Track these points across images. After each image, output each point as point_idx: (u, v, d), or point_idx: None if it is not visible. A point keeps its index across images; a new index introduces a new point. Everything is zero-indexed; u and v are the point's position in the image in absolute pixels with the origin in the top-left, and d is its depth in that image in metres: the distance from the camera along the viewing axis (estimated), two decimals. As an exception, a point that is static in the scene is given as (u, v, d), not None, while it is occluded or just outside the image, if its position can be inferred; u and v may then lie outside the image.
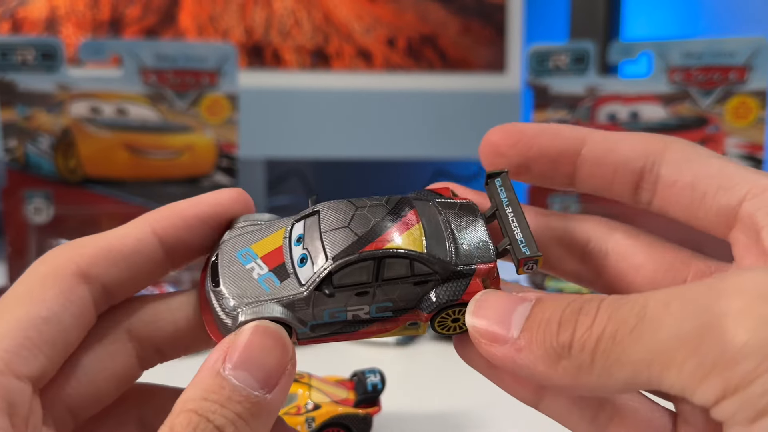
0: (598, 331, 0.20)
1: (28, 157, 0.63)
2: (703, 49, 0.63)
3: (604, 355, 0.20)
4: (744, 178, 0.24)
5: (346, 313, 0.24)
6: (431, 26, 0.83)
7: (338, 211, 0.25)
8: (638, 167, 0.25)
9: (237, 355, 0.22)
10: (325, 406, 0.36)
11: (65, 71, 0.63)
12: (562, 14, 0.91)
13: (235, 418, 0.21)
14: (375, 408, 0.37)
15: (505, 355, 0.22)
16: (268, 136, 0.78)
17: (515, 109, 0.81)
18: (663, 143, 0.25)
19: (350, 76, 0.79)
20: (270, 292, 0.23)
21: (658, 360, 0.19)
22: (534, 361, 0.21)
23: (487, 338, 0.22)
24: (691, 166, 0.25)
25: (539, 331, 0.22)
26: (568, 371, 0.21)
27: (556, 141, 0.26)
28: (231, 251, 0.25)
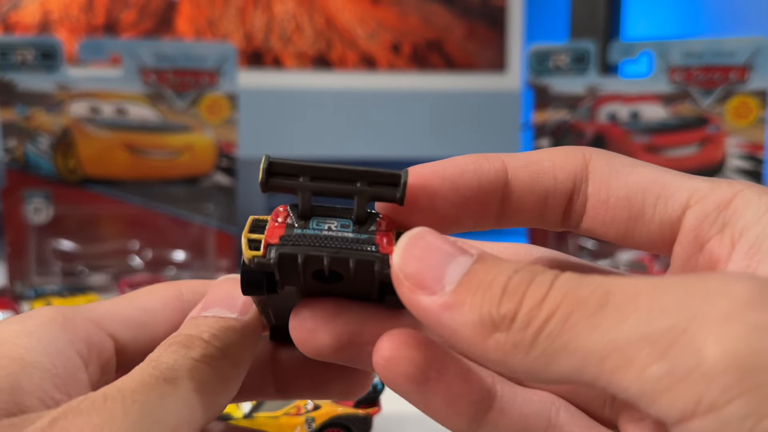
0: (550, 309, 0.17)
1: (28, 157, 0.63)
2: (703, 49, 0.63)
3: (549, 338, 0.17)
4: (680, 186, 0.21)
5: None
6: (436, 30, 0.82)
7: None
8: (568, 188, 0.22)
9: (208, 302, 0.24)
10: (325, 407, 0.36)
11: (65, 71, 0.63)
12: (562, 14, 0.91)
13: (210, 336, 0.22)
14: (375, 408, 0.37)
15: (430, 308, 0.19)
16: (268, 136, 0.78)
17: (515, 109, 0.81)
18: (583, 157, 0.22)
19: (350, 76, 0.79)
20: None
21: (615, 356, 0.16)
22: (462, 325, 0.18)
23: (412, 283, 0.19)
24: (620, 180, 0.22)
25: (477, 294, 0.18)
26: (501, 346, 0.18)
27: (475, 176, 0.23)
28: None
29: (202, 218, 0.67)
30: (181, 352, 0.21)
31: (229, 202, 0.67)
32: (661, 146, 0.66)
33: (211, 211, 0.67)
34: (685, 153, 0.65)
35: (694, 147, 0.65)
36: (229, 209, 0.67)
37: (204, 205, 0.67)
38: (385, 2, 0.81)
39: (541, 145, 0.69)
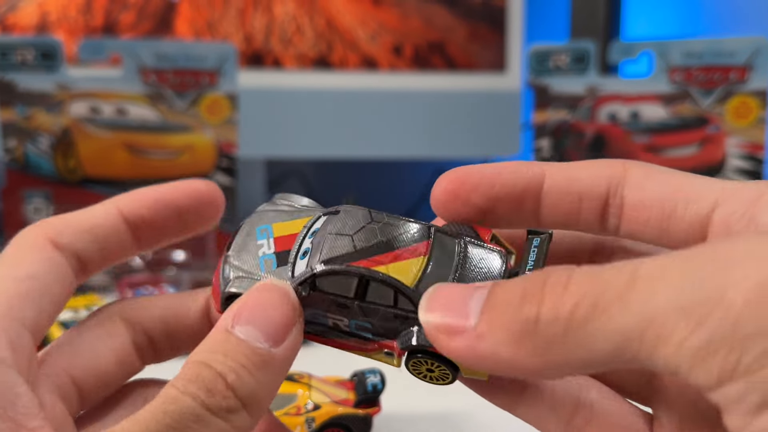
0: (575, 297, 0.18)
1: (28, 157, 0.63)
2: (703, 49, 0.63)
3: (582, 324, 0.17)
4: (710, 188, 0.23)
5: (327, 319, 0.24)
6: (438, 32, 0.81)
7: (353, 218, 0.24)
8: (603, 192, 0.24)
9: (244, 311, 0.22)
10: (325, 407, 0.36)
11: (65, 71, 0.63)
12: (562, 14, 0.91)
13: (239, 367, 0.21)
14: (375, 408, 0.37)
15: (466, 346, 0.19)
16: (268, 136, 0.78)
17: (515, 109, 0.81)
18: (622, 166, 0.24)
19: (350, 76, 0.79)
20: (264, 273, 0.24)
21: (653, 330, 0.17)
22: (496, 347, 0.19)
23: (444, 332, 0.20)
24: (654, 183, 0.23)
25: (499, 312, 0.19)
26: (537, 350, 0.18)
27: (517, 178, 0.25)
28: (255, 223, 0.26)
29: (202, 218, 0.67)
30: (199, 398, 0.21)
31: (229, 202, 0.67)
32: (661, 146, 0.66)
33: (211, 211, 0.67)
34: (685, 153, 0.65)
35: (694, 147, 0.65)
36: (229, 209, 0.67)
37: (204, 205, 0.67)
38: (387, 3, 0.80)
39: (541, 145, 0.69)
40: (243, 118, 0.69)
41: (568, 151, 0.68)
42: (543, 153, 0.69)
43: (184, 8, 0.78)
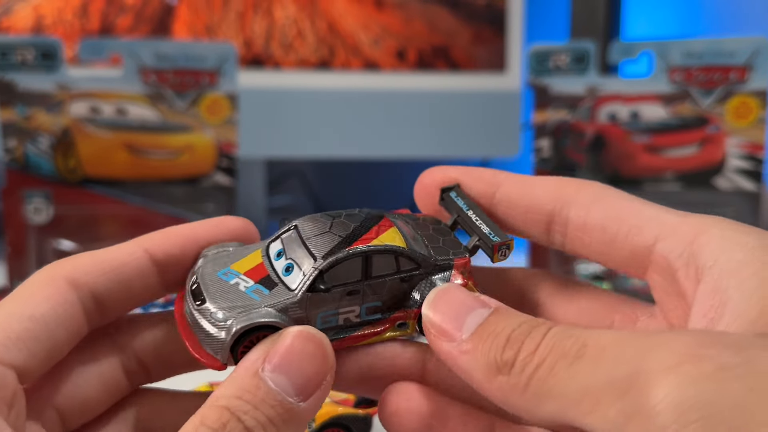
0: (540, 358, 0.20)
1: (28, 157, 0.63)
2: (703, 49, 0.63)
3: (538, 383, 0.20)
4: (654, 219, 0.24)
5: (338, 317, 0.24)
6: (442, 36, 0.80)
7: (316, 221, 0.25)
8: (548, 210, 0.26)
9: (277, 358, 0.22)
10: (325, 407, 0.36)
11: (65, 71, 0.63)
12: (562, 14, 0.91)
13: (266, 422, 0.21)
14: (375, 408, 0.37)
15: (449, 352, 0.22)
16: (268, 136, 0.78)
17: (515, 109, 0.81)
18: (576, 186, 0.26)
19: (350, 77, 0.79)
20: (261, 301, 0.23)
21: (587, 400, 0.19)
22: (474, 368, 0.22)
23: (437, 332, 0.23)
24: (600, 207, 0.25)
25: (487, 342, 0.22)
26: (503, 388, 0.21)
27: (475, 183, 0.28)
28: (210, 273, 0.25)
29: (202, 218, 0.66)
30: None
31: (229, 202, 0.67)
32: (661, 146, 0.66)
33: (211, 211, 0.67)
34: (685, 153, 0.65)
35: (694, 147, 0.65)
36: (229, 209, 0.67)
37: (204, 205, 0.67)
38: (389, 7, 0.80)
39: (541, 145, 0.69)
40: (243, 118, 0.69)
41: (568, 151, 0.68)
42: (543, 153, 0.69)
43: (182, 11, 0.77)
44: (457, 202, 0.28)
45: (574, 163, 0.68)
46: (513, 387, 0.21)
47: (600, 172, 0.67)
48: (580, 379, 0.20)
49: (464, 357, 0.22)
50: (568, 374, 0.20)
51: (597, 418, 0.19)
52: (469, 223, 0.27)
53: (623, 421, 0.18)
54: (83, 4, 0.75)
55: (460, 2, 0.81)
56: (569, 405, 0.20)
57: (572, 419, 0.20)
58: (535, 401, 0.20)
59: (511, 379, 0.21)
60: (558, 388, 0.20)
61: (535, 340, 0.21)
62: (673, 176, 0.66)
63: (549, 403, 0.20)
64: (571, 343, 0.20)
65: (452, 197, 0.28)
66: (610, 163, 0.67)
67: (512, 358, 0.21)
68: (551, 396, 0.20)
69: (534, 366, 0.20)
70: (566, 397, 0.20)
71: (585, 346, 0.20)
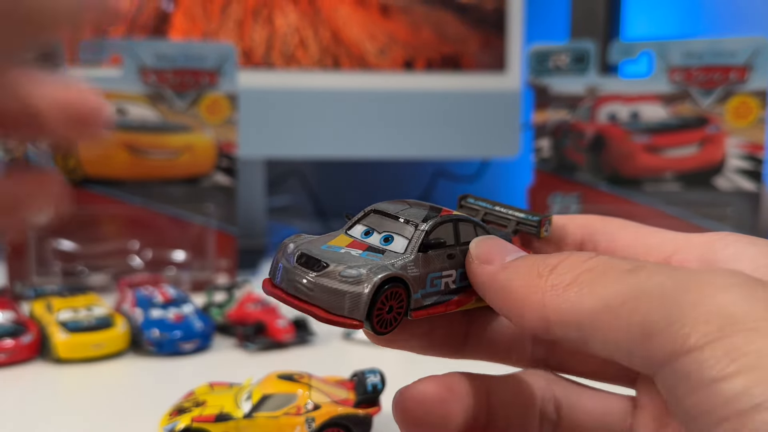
0: (590, 265, 0.21)
1: (28, 157, 0.63)
2: (703, 49, 0.63)
3: (584, 283, 0.21)
4: (669, 239, 0.26)
5: (441, 280, 0.25)
6: (452, 44, 0.78)
7: (394, 203, 0.27)
8: (578, 240, 0.28)
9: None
10: (325, 407, 0.36)
11: (65, 71, 0.63)
12: (562, 14, 0.91)
13: None
14: (375, 408, 0.37)
15: (489, 272, 0.24)
16: (268, 136, 0.78)
17: (515, 109, 0.81)
18: (601, 219, 0.28)
19: (350, 77, 0.79)
20: (381, 261, 0.24)
21: (631, 303, 0.20)
22: (512, 277, 0.23)
23: (480, 260, 0.24)
24: (625, 233, 0.27)
25: (528, 260, 0.23)
26: (540, 288, 0.22)
27: None
28: (315, 247, 0.25)
29: (202, 218, 0.67)
30: None
31: (229, 202, 0.67)
32: (661, 146, 0.66)
33: (211, 211, 0.67)
34: (685, 153, 0.65)
35: (694, 147, 0.65)
36: (229, 209, 0.67)
37: (204, 205, 0.67)
38: (395, 12, 0.78)
39: (541, 145, 0.69)
40: (243, 118, 0.69)
41: (568, 151, 0.68)
42: (543, 153, 0.69)
43: (178, 19, 0.75)
44: (479, 204, 0.29)
45: (574, 163, 0.68)
46: (552, 287, 0.22)
47: (600, 172, 0.67)
48: (631, 285, 0.20)
49: (504, 272, 0.23)
50: (618, 279, 0.20)
51: (635, 321, 0.19)
52: (500, 216, 0.29)
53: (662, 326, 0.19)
54: None
55: (469, 7, 0.80)
56: (610, 306, 0.20)
57: (607, 323, 0.20)
58: (574, 299, 0.21)
59: (551, 279, 0.22)
60: (602, 289, 0.20)
61: (586, 255, 0.22)
62: (673, 176, 0.66)
63: (588, 302, 0.21)
64: (626, 262, 0.21)
65: (471, 202, 0.30)
66: (610, 163, 0.67)
67: (555, 263, 0.22)
68: (593, 296, 0.21)
69: (584, 268, 0.21)
70: (609, 298, 0.20)
71: (643, 266, 0.21)
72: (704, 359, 0.18)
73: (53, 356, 0.48)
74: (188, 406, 0.36)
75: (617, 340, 0.20)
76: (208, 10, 0.75)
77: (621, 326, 0.20)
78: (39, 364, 0.48)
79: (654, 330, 0.19)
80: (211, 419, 0.34)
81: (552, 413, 0.27)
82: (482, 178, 0.97)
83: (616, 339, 0.20)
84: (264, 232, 0.85)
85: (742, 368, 0.17)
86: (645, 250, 0.26)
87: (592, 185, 0.68)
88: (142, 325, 0.49)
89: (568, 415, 0.27)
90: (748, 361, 0.17)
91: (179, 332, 0.49)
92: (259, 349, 0.50)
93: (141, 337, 0.49)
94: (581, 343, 0.21)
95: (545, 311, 0.22)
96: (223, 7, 0.76)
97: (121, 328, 0.49)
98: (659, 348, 0.19)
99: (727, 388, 0.17)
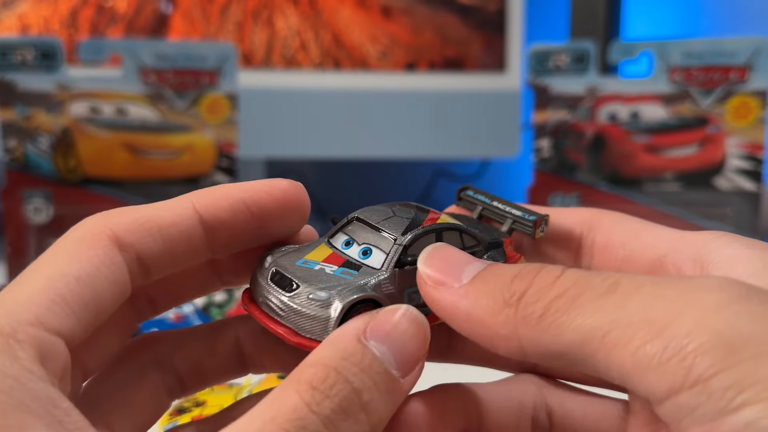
0: (560, 289, 0.19)
1: (28, 157, 0.63)
2: (703, 49, 0.63)
3: (558, 312, 0.19)
4: (665, 237, 0.25)
5: (419, 295, 0.24)
6: (454, 46, 0.77)
7: (376, 211, 0.26)
8: (577, 235, 0.28)
9: (382, 329, 0.21)
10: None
11: (65, 71, 0.63)
12: (562, 14, 0.91)
13: (373, 387, 0.20)
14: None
15: (447, 299, 0.21)
16: (268, 136, 0.78)
17: (515, 109, 0.81)
18: (599, 214, 0.28)
19: (350, 76, 0.79)
20: (354, 280, 0.23)
21: (616, 333, 0.18)
22: (476, 307, 0.21)
23: (433, 282, 0.22)
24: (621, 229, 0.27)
25: (490, 281, 0.21)
26: (510, 321, 0.20)
27: None
28: (289, 263, 0.25)
29: (202, 218, 0.67)
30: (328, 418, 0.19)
31: (229, 202, 0.67)
32: (661, 146, 0.66)
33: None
34: (685, 153, 0.65)
35: (694, 147, 0.65)
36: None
37: (204, 205, 0.67)
38: (397, 14, 0.77)
39: (541, 146, 0.69)
40: (243, 118, 0.69)
41: (568, 151, 0.68)
42: (543, 153, 0.69)
43: (176, 21, 0.75)
44: (477, 198, 0.29)
45: (574, 163, 0.68)
46: (524, 319, 0.20)
47: (600, 172, 0.67)
48: (610, 312, 0.19)
49: (464, 300, 0.21)
50: (596, 306, 0.19)
51: (626, 352, 0.18)
52: (497, 212, 0.28)
53: (661, 358, 0.17)
54: (72, 12, 0.73)
55: (472, 9, 0.79)
56: (592, 337, 0.19)
57: (592, 354, 0.19)
58: (550, 333, 0.19)
59: (521, 310, 0.20)
60: (582, 318, 0.19)
61: (553, 275, 0.20)
62: (673, 176, 0.66)
63: (566, 335, 0.19)
64: (600, 280, 0.19)
65: (470, 195, 0.29)
66: (610, 163, 0.67)
67: (522, 289, 0.20)
68: (572, 328, 0.19)
69: (553, 296, 0.19)
70: (590, 329, 0.19)
71: (617, 284, 0.19)
72: (711, 392, 0.17)
73: (53, 356, 0.47)
74: (188, 406, 0.36)
75: (607, 370, 0.19)
76: (208, 12, 0.75)
77: (609, 358, 0.18)
78: (39, 364, 0.48)
79: (650, 363, 0.18)
80: (211, 419, 0.34)
81: (544, 420, 0.25)
82: (482, 178, 0.97)
83: (606, 369, 0.19)
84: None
85: (750, 399, 0.17)
86: (639, 248, 0.26)
87: (592, 185, 0.68)
88: (142, 325, 0.49)
89: (560, 422, 0.25)
90: (756, 391, 0.17)
91: (179, 332, 0.49)
92: (259, 349, 0.50)
93: (141, 337, 0.49)
94: (567, 368, 0.21)
95: (520, 343, 0.20)
96: (223, 9, 0.75)
97: (121, 328, 0.49)
98: (658, 382, 0.18)
99: (737, 420, 0.17)
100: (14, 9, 0.73)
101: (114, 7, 0.72)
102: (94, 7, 0.73)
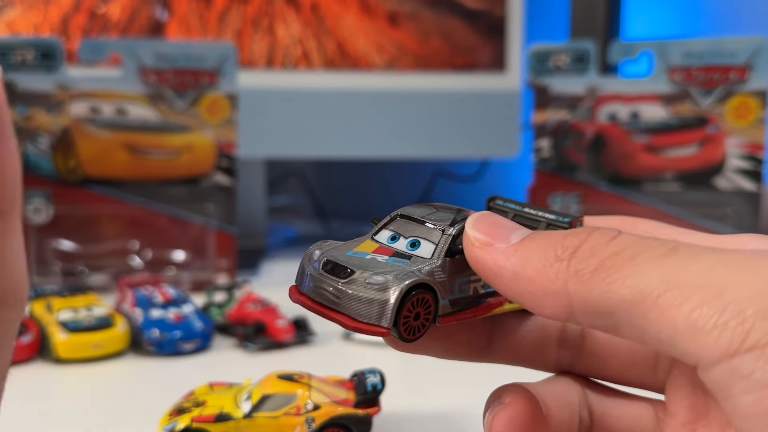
0: (617, 248, 0.19)
1: (28, 157, 0.63)
2: (703, 49, 0.63)
3: (612, 269, 0.19)
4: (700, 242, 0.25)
5: (470, 285, 0.25)
6: (463, 55, 0.75)
7: (420, 208, 0.26)
8: None
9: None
10: (325, 407, 0.36)
11: (65, 71, 0.63)
12: (562, 14, 0.91)
13: None
14: (375, 408, 0.37)
15: (495, 258, 0.21)
16: (268, 136, 0.78)
17: (515, 109, 0.81)
18: (633, 222, 0.27)
19: (350, 76, 0.79)
20: (407, 267, 0.24)
21: (672, 293, 0.18)
22: (524, 263, 0.20)
23: (480, 241, 0.22)
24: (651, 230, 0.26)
25: (540, 240, 0.21)
26: (561, 275, 0.20)
27: None
28: (340, 254, 0.25)
29: (202, 218, 0.67)
30: None
31: (229, 202, 0.67)
32: (661, 146, 0.66)
33: (211, 211, 0.67)
34: (685, 153, 0.65)
35: (694, 147, 0.65)
36: (229, 209, 0.67)
37: (204, 205, 0.67)
38: (404, 20, 0.75)
39: (541, 145, 0.69)
40: (243, 118, 0.69)
41: (568, 151, 0.68)
42: (543, 153, 0.69)
43: (172, 28, 0.74)
44: (508, 206, 0.29)
45: (574, 163, 0.68)
46: (576, 273, 0.19)
47: (600, 172, 0.67)
48: (668, 273, 0.18)
49: (513, 255, 0.21)
50: (653, 266, 0.18)
51: (680, 314, 0.18)
52: (529, 217, 0.28)
53: (717, 320, 0.17)
54: (63, 19, 0.71)
55: (479, 13, 0.78)
56: (647, 297, 0.18)
57: (643, 313, 0.18)
58: (602, 288, 0.19)
59: (573, 264, 0.19)
60: (637, 276, 0.18)
61: (609, 234, 0.20)
62: (673, 176, 0.66)
63: (620, 292, 0.19)
64: (659, 244, 0.19)
65: (500, 204, 0.29)
66: (610, 163, 0.67)
67: (576, 244, 0.20)
68: (626, 284, 0.18)
69: (609, 253, 0.19)
70: (646, 287, 0.18)
71: (676, 248, 0.19)
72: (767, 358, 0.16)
73: (53, 356, 0.48)
74: (188, 406, 0.36)
75: (657, 332, 0.18)
76: (205, 19, 0.73)
77: (662, 318, 0.18)
78: (39, 364, 0.48)
79: (705, 325, 0.17)
80: (210, 419, 0.34)
81: (586, 418, 0.26)
82: (482, 178, 0.97)
83: (656, 330, 0.18)
84: (264, 232, 0.85)
85: None
86: None
87: (592, 185, 0.68)
88: (142, 325, 0.50)
89: (598, 420, 0.26)
90: None
91: (179, 332, 0.49)
92: (259, 349, 0.50)
93: (141, 337, 0.49)
94: (611, 330, 0.20)
95: (569, 300, 0.20)
96: (221, 16, 0.73)
97: (121, 328, 0.49)
98: (712, 344, 0.17)
99: None
100: (2, 16, 0.71)
101: (107, 14, 0.71)
102: (86, 13, 0.71)
